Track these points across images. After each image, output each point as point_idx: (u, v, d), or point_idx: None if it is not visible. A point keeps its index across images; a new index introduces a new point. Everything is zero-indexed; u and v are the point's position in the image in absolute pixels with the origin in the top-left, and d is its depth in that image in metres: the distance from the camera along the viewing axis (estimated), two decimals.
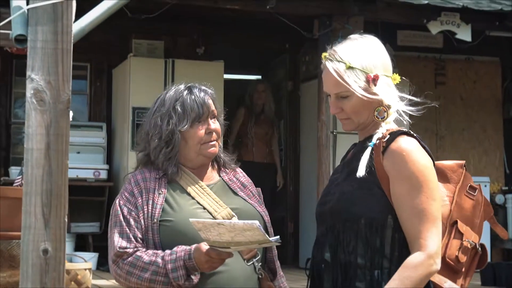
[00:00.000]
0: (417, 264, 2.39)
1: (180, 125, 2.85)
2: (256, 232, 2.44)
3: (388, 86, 2.57)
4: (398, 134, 2.51)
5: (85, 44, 8.87)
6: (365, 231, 2.49)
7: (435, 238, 2.41)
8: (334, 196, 2.59)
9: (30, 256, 2.02)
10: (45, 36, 2.06)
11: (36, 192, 2.03)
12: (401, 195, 2.44)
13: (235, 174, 3.04)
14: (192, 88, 2.93)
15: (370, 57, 2.56)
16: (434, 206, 2.43)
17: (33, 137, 2.03)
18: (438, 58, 9.61)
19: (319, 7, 7.51)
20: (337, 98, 2.58)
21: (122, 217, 2.79)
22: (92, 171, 8.07)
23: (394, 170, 2.46)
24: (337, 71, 2.54)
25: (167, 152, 2.86)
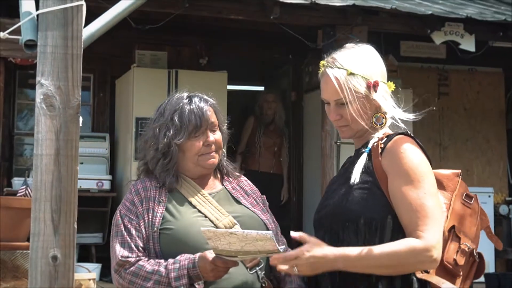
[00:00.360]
0: (411, 248, 2.39)
1: (176, 137, 2.83)
2: (268, 243, 2.42)
3: (386, 93, 2.62)
4: (395, 135, 2.57)
5: (88, 55, 8.81)
6: (365, 231, 2.49)
7: (435, 232, 2.41)
8: (333, 200, 2.61)
9: (39, 263, 2.00)
10: (55, 41, 2.05)
11: (46, 198, 2.02)
12: (398, 191, 2.46)
13: (238, 182, 3.02)
14: (193, 97, 2.90)
15: (370, 64, 2.61)
16: (432, 201, 2.44)
17: (42, 142, 2.02)
18: (441, 69, 9.59)
19: (323, 17, 7.49)
20: (337, 105, 2.60)
21: (123, 226, 2.77)
22: (95, 182, 8.04)
23: (392, 167, 2.49)
24: (338, 77, 2.57)
25: (165, 163, 2.85)
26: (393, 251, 2.40)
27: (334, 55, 2.64)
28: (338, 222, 2.54)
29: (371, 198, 2.51)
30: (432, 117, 9.44)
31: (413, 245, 2.39)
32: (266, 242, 2.42)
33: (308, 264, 2.42)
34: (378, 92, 2.58)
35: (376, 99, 2.58)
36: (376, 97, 2.58)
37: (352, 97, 2.56)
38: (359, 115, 2.58)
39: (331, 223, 2.57)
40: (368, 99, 2.58)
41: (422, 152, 2.54)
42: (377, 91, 2.58)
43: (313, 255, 2.42)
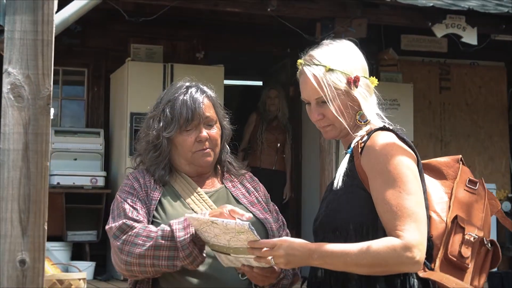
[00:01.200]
0: (391, 248, 2.25)
1: (165, 130, 2.68)
2: (249, 236, 2.32)
3: (369, 87, 2.51)
4: (374, 131, 2.43)
5: (82, 49, 8.85)
6: (355, 237, 2.36)
7: (414, 231, 2.27)
8: (321, 210, 2.50)
9: (6, 268, 1.85)
10: (23, 26, 1.89)
11: (13, 197, 1.86)
12: (376, 191, 2.33)
13: (241, 179, 2.85)
14: (190, 88, 2.74)
15: (349, 59, 2.49)
16: (409, 201, 2.30)
17: (9, 136, 1.86)
18: (442, 63, 9.49)
19: (321, 10, 7.35)
20: (318, 104, 2.48)
21: (127, 205, 2.60)
22: (89, 178, 7.89)
23: (369, 167, 2.37)
24: (316, 75, 2.45)
25: (154, 156, 2.71)
26: (372, 250, 2.26)
27: (311, 52, 2.54)
28: (328, 232, 2.43)
29: (357, 202, 2.39)
30: (434, 112, 9.35)
31: (393, 244, 2.26)
32: (248, 235, 2.32)
33: (285, 255, 2.31)
34: (359, 87, 2.47)
35: (356, 96, 2.46)
36: (356, 94, 2.46)
37: (333, 94, 2.44)
38: (341, 113, 2.46)
39: (323, 234, 2.46)
40: (350, 96, 2.47)
41: (403, 146, 2.40)
42: (358, 86, 2.47)
43: (291, 245, 2.32)
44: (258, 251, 2.34)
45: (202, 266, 2.57)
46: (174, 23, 8.47)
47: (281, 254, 2.31)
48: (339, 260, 2.29)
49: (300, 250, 2.31)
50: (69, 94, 8.88)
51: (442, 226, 2.43)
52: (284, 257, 2.31)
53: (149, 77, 7.81)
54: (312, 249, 2.31)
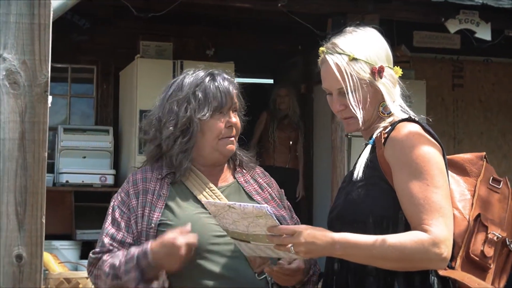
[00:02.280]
0: (419, 242, 2.17)
1: (200, 112, 2.56)
2: (268, 221, 2.22)
3: (393, 78, 2.43)
4: (398, 122, 2.36)
5: (90, 46, 8.80)
6: (375, 230, 2.28)
7: (441, 226, 2.19)
8: (340, 200, 2.42)
9: (1, 263, 1.77)
10: (19, 9, 1.81)
11: (9, 189, 1.78)
12: (401, 184, 2.26)
13: (253, 174, 2.76)
14: (216, 75, 2.65)
15: (374, 48, 2.42)
16: (437, 194, 2.22)
17: (5, 125, 1.78)
18: (455, 60, 9.41)
19: (333, 5, 7.30)
20: (340, 94, 2.41)
21: (111, 219, 2.55)
22: (98, 176, 7.84)
23: (394, 158, 2.29)
24: (339, 64, 2.37)
25: (183, 142, 2.58)
26: (399, 243, 2.18)
27: (334, 40, 2.45)
28: (346, 225, 2.34)
29: (378, 194, 2.31)
30: (446, 110, 9.27)
31: (421, 238, 2.18)
32: (267, 220, 2.22)
33: (305, 243, 2.22)
34: (383, 78, 2.39)
35: (380, 87, 2.39)
36: (380, 84, 2.38)
37: (356, 85, 2.37)
38: (364, 104, 2.38)
39: (340, 226, 2.36)
40: (373, 86, 2.39)
41: (429, 139, 2.32)
42: (382, 76, 2.39)
43: (312, 234, 2.23)
44: (277, 238, 2.24)
45: (217, 266, 2.49)
46: (184, 20, 8.43)
47: (301, 242, 2.22)
48: (363, 252, 2.21)
49: (322, 239, 2.23)
50: (78, 91, 8.83)
51: (464, 224, 2.35)
52: (304, 245, 2.22)
53: (159, 74, 7.74)
54: (335, 238, 2.23)
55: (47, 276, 5.07)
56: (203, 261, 2.49)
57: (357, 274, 2.32)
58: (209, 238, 2.49)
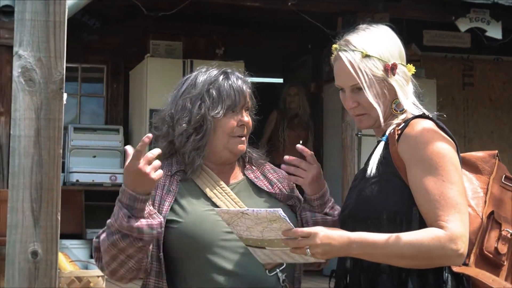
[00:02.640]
0: (436, 239, 2.15)
1: (214, 110, 2.56)
2: (283, 224, 2.20)
3: (406, 75, 2.42)
4: (412, 119, 2.34)
5: (101, 46, 8.81)
6: (388, 227, 2.26)
7: (458, 222, 2.17)
8: (352, 198, 2.41)
9: (17, 260, 1.77)
10: (34, 7, 1.81)
11: (24, 186, 1.77)
12: (416, 180, 2.24)
13: (263, 170, 2.75)
14: (229, 74, 2.64)
15: (387, 45, 2.40)
16: (453, 190, 2.21)
17: (20, 122, 1.78)
18: (466, 59, 9.38)
19: (343, 4, 7.29)
20: (353, 91, 2.40)
21: None
22: (108, 176, 7.85)
23: (408, 154, 2.27)
24: (352, 61, 2.36)
25: (196, 140, 2.56)
26: (416, 240, 2.16)
27: (347, 37, 2.43)
28: (359, 222, 2.33)
29: (392, 190, 2.30)
30: (457, 109, 9.24)
31: (437, 235, 2.16)
32: (281, 224, 2.21)
33: (322, 245, 2.20)
34: (396, 75, 2.38)
35: (393, 84, 2.38)
36: (393, 82, 2.38)
37: (369, 81, 2.36)
38: (377, 101, 2.37)
39: (353, 223, 2.35)
40: (386, 83, 2.38)
41: (443, 135, 2.30)
42: (395, 74, 2.38)
43: (328, 235, 2.21)
44: (293, 241, 2.23)
45: (228, 263, 2.48)
46: (194, 19, 8.43)
47: (317, 243, 2.20)
48: (380, 251, 2.19)
49: (338, 239, 2.21)
50: (88, 91, 8.84)
51: (478, 221, 2.33)
52: (320, 246, 2.20)
53: (169, 73, 7.75)
54: (351, 238, 2.21)
55: (59, 275, 5.08)
56: (214, 257, 2.48)
57: (370, 272, 2.31)
58: (219, 234, 2.48)
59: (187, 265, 2.50)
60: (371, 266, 2.29)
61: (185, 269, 2.50)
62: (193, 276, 2.50)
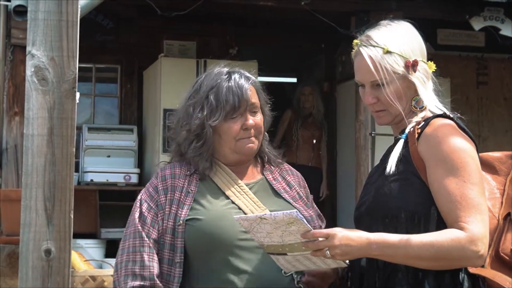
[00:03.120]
0: (455, 240, 2.14)
1: (211, 119, 2.55)
2: (300, 226, 2.20)
3: (426, 72, 2.41)
4: (432, 118, 2.33)
5: (115, 46, 8.83)
6: (406, 226, 2.26)
7: (478, 224, 2.16)
8: (370, 194, 2.39)
9: (31, 258, 1.79)
10: (47, 7, 1.82)
11: (38, 184, 1.79)
12: (436, 180, 2.23)
13: (281, 172, 2.74)
14: (232, 74, 2.62)
15: (408, 41, 2.40)
16: (474, 191, 2.20)
17: (33, 121, 1.79)
18: (480, 57, 9.32)
19: (356, 3, 7.27)
20: (373, 87, 2.39)
21: (138, 213, 2.53)
22: (122, 175, 7.86)
23: (429, 154, 2.26)
24: (373, 56, 2.35)
25: (197, 147, 2.57)
26: (436, 241, 2.16)
27: (368, 33, 2.43)
28: (376, 219, 2.33)
29: (411, 189, 2.29)
30: (471, 108, 9.19)
31: (457, 236, 2.15)
32: (299, 226, 2.20)
33: (341, 245, 2.19)
34: (417, 72, 2.37)
35: (414, 81, 2.36)
36: (414, 78, 2.36)
37: (389, 78, 2.35)
38: (397, 98, 2.37)
39: (370, 221, 2.35)
40: (406, 80, 2.37)
41: (464, 135, 2.30)
42: (416, 70, 2.37)
43: (347, 236, 2.20)
44: (312, 243, 2.22)
45: (245, 263, 2.48)
46: (207, 19, 8.42)
47: (336, 244, 2.19)
48: (400, 252, 2.18)
49: (357, 240, 2.20)
50: (102, 91, 8.87)
51: (494, 222, 2.32)
52: (339, 247, 2.19)
53: (182, 73, 7.76)
54: (370, 239, 2.20)
55: (73, 274, 5.10)
56: (231, 257, 2.48)
57: (385, 271, 2.30)
58: (237, 234, 2.47)
59: (202, 264, 2.50)
60: (386, 265, 2.29)
61: (200, 269, 2.51)
62: (208, 276, 2.50)
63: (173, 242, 2.48)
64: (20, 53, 6.06)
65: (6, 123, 6.27)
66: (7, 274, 5.01)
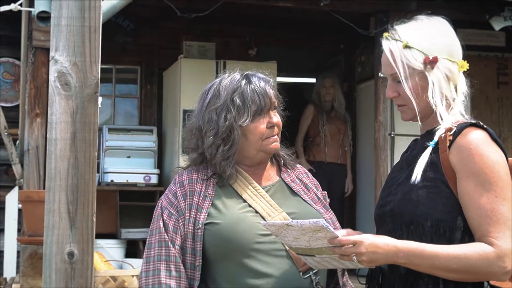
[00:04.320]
0: (483, 255, 2.13)
1: (240, 119, 2.55)
2: (327, 233, 2.20)
3: (450, 72, 2.33)
4: (465, 126, 2.27)
5: (134, 47, 8.88)
6: (431, 234, 2.23)
7: (508, 240, 2.14)
8: (395, 196, 2.35)
9: (54, 260, 1.80)
10: (70, 12, 1.84)
11: (61, 188, 1.81)
12: (467, 193, 2.20)
13: (297, 174, 2.74)
14: (251, 77, 2.63)
15: (432, 37, 2.34)
16: (505, 206, 2.17)
17: (57, 125, 1.82)
18: (500, 57, 9.26)
19: (375, 4, 7.26)
20: (394, 81, 2.37)
21: (162, 222, 2.54)
22: (142, 176, 7.90)
23: (461, 165, 2.22)
24: (393, 50, 2.33)
25: (225, 150, 2.57)
26: (463, 255, 2.15)
27: (396, 26, 2.39)
28: (402, 224, 2.30)
29: (439, 198, 2.25)
30: (491, 108, 9.14)
31: (486, 251, 2.14)
32: (326, 233, 2.21)
33: (367, 253, 2.18)
34: (436, 69, 2.31)
35: (428, 78, 2.31)
36: (430, 76, 2.31)
37: (407, 72, 2.32)
38: (415, 94, 2.33)
39: (393, 224, 2.33)
40: (425, 77, 2.32)
41: (496, 147, 2.25)
42: (434, 67, 2.30)
43: (374, 243, 2.19)
44: (339, 249, 2.21)
45: (263, 265, 2.49)
46: (226, 20, 8.43)
47: (362, 251, 2.19)
48: (427, 262, 2.18)
49: (384, 247, 2.19)
50: (122, 92, 8.91)
51: None
52: (366, 255, 2.19)
53: (202, 74, 7.77)
54: (398, 247, 2.19)
55: (93, 274, 5.13)
56: (249, 260, 2.48)
57: (407, 278, 2.29)
58: (254, 237, 2.48)
59: (220, 267, 2.51)
60: (408, 272, 2.27)
61: (218, 272, 2.51)
62: (226, 279, 2.51)
63: (193, 246, 2.49)
64: (41, 55, 6.11)
65: (27, 125, 6.32)
66: (29, 274, 5.05)
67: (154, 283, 2.46)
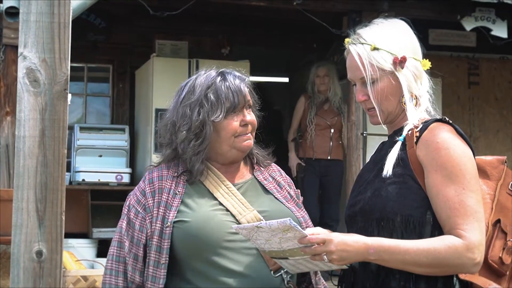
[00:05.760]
0: (453, 247, 2.14)
1: (213, 115, 2.56)
2: (296, 233, 2.20)
3: (417, 70, 2.36)
4: (431, 122, 2.30)
5: (107, 45, 8.84)
6: (402, 230, 2.24)
7: (476, 231, 2.16)
8: (365, 195, 2.36)
9: (22, 259, 1.78)
10: (39, 8, 1.82)
11: (29, 186, 1.79)
12: (435, 186, 2.21)
13: (270, 172, 2.74)
14: (226, 74, 2.63)
15: (398, 38, 2.36)
16: (472, 198, 2.19)
17: (25, 122, 1.79)
18: (471, 58, 9.34)
19: (348, 3, 7.28)
20: (363, 85, 2.37)
21: (127, 220, 2.56)
22: (114, 175, 7.86)
23: (428, 159, 2.24)
24: (361, 54, 2.33)
25: (196, 145, 2.56)
26: (433, 248, 2.16)
27: (358, 31, 2.41)
28: (372, 221, 2.31)
29: (408, 193, 2.27)
30: (462, 108, 9.21)
31: (455, 244, 2.15)
32: (294, 232, 2.20)
33: (337, 251, 2.18)
34: (405, 69, 2.33)
35: (400, 78, 2.33)
36: (400, 76, 2.33)
37: (377, 75, 2.33)
38: (385, 96, 2.34)
39: (364, 222, 2.33)
40: (396, 78, 2.34)
41: (462, 141, 2.27)
42: (403, 67, 2.33)
43: (343, 241, 2.19)
44: (309, 248, 2.21)
45: (233, 263, 2.48)
46: (199, 19, 8.42)
47: (332, 250, 2.18)
48: (397, 257, 2.18)
49: (354, 245, 2.19)
50: (94, 90, 8.87)
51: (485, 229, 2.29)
52: (336, 253, 2.19)
53: (174, 73, 7.75)
54: (368, 243, 2.19)
55: (64, 274, 5.09)
56: (219, 258, 2.48)
57: (379, 273, 2.29)
58: (224, 235, 2.48)
59: (190, 265, 2.50)
60: (380, 268, 2.28)
61: (189, 270, 2.50)
62: (196, 277, 2.50)
63: (160, 244, 2.49)
64: (11, 53, 6.05)
65: None
66: None
67: (111, 283, 2.60)
